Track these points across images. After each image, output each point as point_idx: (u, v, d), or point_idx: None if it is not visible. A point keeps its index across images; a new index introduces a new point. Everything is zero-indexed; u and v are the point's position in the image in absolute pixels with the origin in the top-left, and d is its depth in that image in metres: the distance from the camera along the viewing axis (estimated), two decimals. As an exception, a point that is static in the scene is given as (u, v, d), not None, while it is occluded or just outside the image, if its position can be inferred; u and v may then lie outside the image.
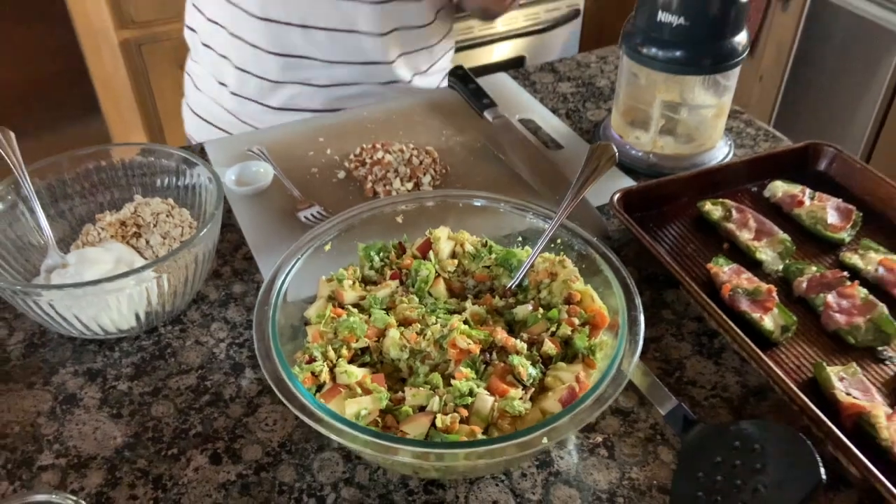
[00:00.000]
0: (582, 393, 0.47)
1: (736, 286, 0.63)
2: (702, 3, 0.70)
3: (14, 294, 0.57)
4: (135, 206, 0.68)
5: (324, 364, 0.49)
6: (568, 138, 0.84)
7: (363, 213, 0.60)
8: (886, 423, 0.52)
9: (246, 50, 0.91)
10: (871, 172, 0.75)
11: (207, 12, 0.93)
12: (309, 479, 0.52)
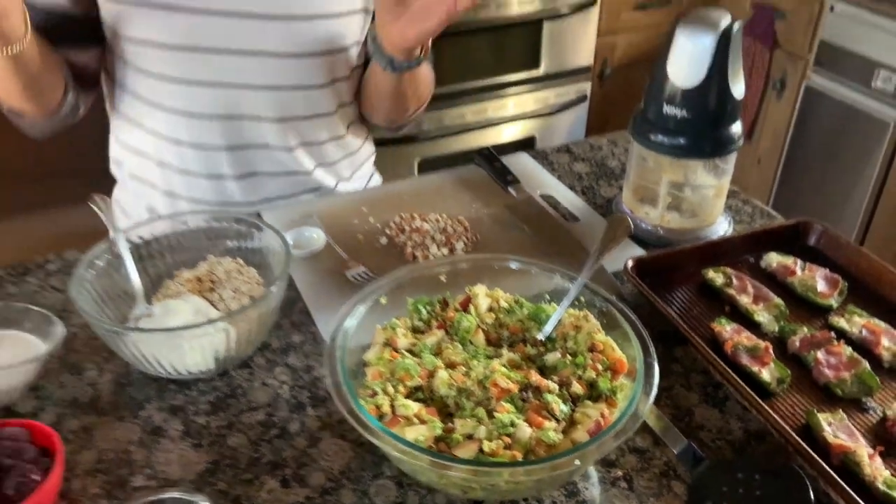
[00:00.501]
0: (606, 426, 0.56)
1: (737, 343, 0.71)
2: (702, 99, 0.81)
3: (114, 335, 0.66)
4: (209, 265, 0.78)
5: (385, 398, 0.58)
6: (584, 212, 0.95)
7: (412, 273, 0.70)
8: (869, 461, 0.60)
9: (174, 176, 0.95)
10: (854, 247, 0.84)
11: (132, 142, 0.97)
12: (367, 502, 0.60)
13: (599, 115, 2.40)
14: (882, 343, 0.72)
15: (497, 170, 1.00)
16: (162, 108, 0.91)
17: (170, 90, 0.89)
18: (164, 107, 0.91)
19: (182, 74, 0.88)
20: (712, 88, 0.81)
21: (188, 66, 0.87)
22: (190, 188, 0.96)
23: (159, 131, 0.93)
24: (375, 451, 0.64)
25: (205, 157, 0.93)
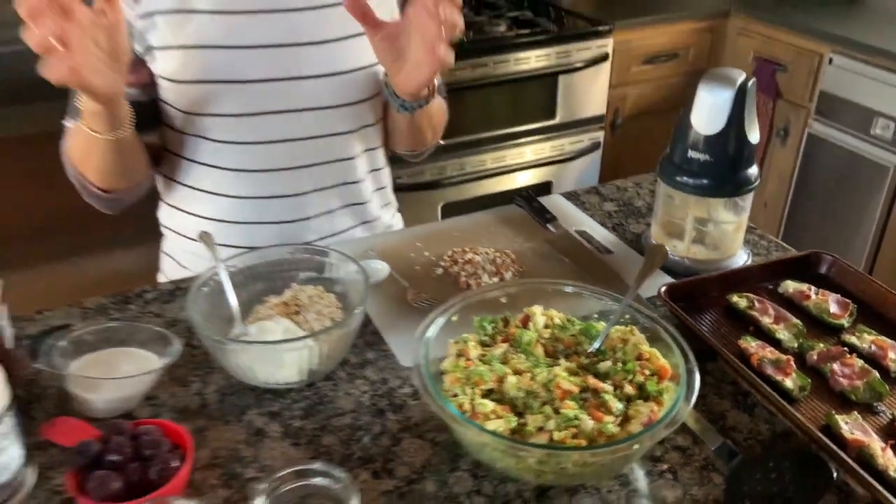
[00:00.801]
0: (656, 420, 0.65)
1: (762, 357, 0.81)
2: (722, 145, 0.93)
3: (221, 347, 0.76)
4: (294, 291, 0.88)
5: (465, 398, 0.68)
6: (616, 246, 1.05)
7: (477, 296, 0.80)
8: (881, 453, 0.69)
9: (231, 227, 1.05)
10: (862, 275, 0.95)
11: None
12: (447, 490, 0.69)
13: (612, 162, 2.53)
14: (889, 356, 0.82)
15: (536, 209, 1.11)
16: (224, 168, 1.02)
17: (233, 151, 1.01)
18: (226, 167, 1.02)
19: (244, 138, 0.99)
20: (731, 135, 0.92)
21: (253, 129, 0.99)
22: (243, 237, 1.05)
23: (219, 190, 1.04)
24: (451, 449, 0.73)
25: (263, 205, 1.04)
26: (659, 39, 2.45)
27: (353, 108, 1.03)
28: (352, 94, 1.02)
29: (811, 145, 2.37)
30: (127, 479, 0.63)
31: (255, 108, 0.98)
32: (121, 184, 0.99)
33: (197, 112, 0.98)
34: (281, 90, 0.98)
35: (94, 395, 0.75)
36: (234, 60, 0.96)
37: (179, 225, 1.10)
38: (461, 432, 0.67)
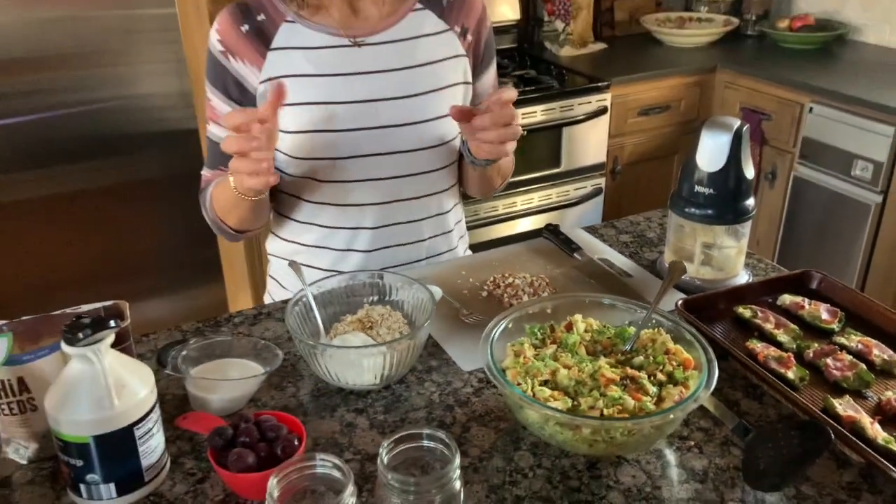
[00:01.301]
0: (685, 398, 0.80)
1: (767, 354, 0.96)
2: (723, 181, 1.10)
3: (315, 351, 0.91)
4: (366, 311, 1.03)
5: (527, 386, 0.83)
6: (635, 270, 1.21)
7: (528, 308, 0.95)
8: (870, 426, 0.84)
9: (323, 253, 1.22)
10: (848, 288, 1.11)
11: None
12: (513, 465, 0.83)
13: (613, 205, 2.71)
14: (874, 352, 0.98)
15: (562, 240, 1.27)
16: (324, 203, 1.19)
17: (332, 188, 1.18)
18: (326, 202, 1.19)
19: (341, 177, 1.17)
20: (730, 172, 1.09)
21: (348, 170, 1.16)
22: (336, 262, 1.22)
23: (319, 222, 1.21)
24: (512, 434, 0.88)
25: (351, 236, 1.21)
26: (652, 93, 2.66)
27: (434, 151, 1.20)
28: (431, 139, 1.19)
29: (797, 187, 2.56)
30: (258, 455, 0.77)
31: (349, 153, 1.15)
32: (254, 226, 1.19)
33: (303, 157, 1.15)
34: (371, 137, 1.16)
35: (212, 396, 0.90)
36: (333, 114, 1.13)
37: (283, 251, 1.27)
38: (527, 413, 0.81)
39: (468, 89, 1.24)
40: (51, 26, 1.78)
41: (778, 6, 3.13)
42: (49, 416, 0.75)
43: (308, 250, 1.22)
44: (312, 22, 1.14)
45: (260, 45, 1.13)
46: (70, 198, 1.94)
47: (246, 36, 1.12)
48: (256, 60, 1.13)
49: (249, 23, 1.13)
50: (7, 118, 1.83)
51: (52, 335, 0.81)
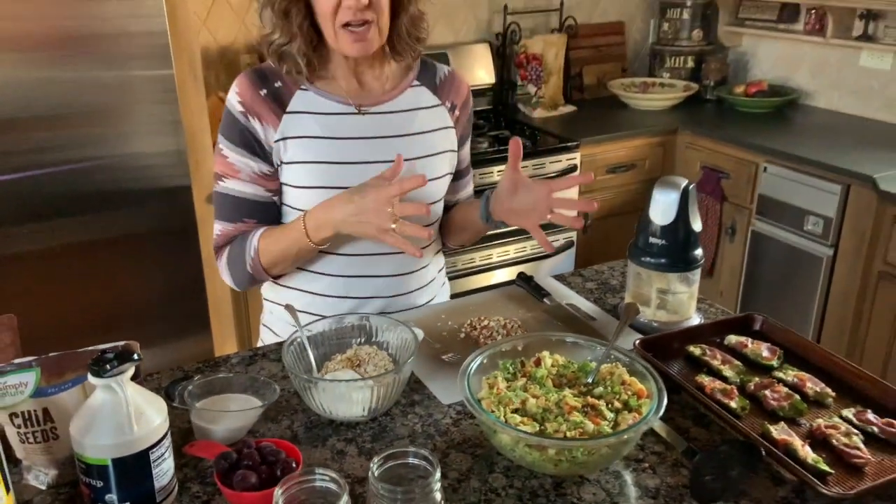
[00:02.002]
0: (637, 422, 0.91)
1: (714, 387, 1.08)
2: (674, 233, 1.23)
3: (309, 385, 1.01)
4: (354, 350, 1.14)
5: (500, 414, 0.93)
6: (598, 314, 1.33)
7: (501, 346, 1.06)
8: (801, 448, 0.96)
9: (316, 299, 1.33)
10: (786, 329, 1.23)
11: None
12: (488, 486, 0.93)
13: (585, 258, 2.84)
14: (807, 385, 1.10)
15: (533, 287, 1.40)
16: (329, 252, 1.29)
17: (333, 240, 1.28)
18: (327, 252, 1.29)
19: None
20: (680, 225, 1.23)
21: None
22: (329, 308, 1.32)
23: (319, 270, 1.31)
24: (487, 458, 0.98)
25: (348, 283, 1.32)
26: (619, 153, 2.84)
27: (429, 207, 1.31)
28: (421, 199, 1.28)
29: (756, 241, 2.72)
30: (259, 476, 0.87)
31: None
32: (287, 270, 1.32)
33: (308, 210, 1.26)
34: None
35: (215, 426, 0.99)
36: (338, 172, 1.26)
37: (281, 297, 1.36)
38: (500, 437, 0.92)
39: (454, 156, 1.38)
40: (51, 87, 1.89)
41: (734, 73, 3.36)
42: (74, 440, 0.84)
43: (307, 296, 1.33)
44: (323, 90, 1.28)
45: (277, 109, 1.26)
46: (66, 250, 2.02)
47: (264, 99, 1.25)
48: (273, 122, 1.25)
49: (267, 88, 1.26)
50: (7, 174, 1.93)
51: (74, 370, 0.91)
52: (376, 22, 1.19)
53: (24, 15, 1.81)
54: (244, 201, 1.29)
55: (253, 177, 1.28)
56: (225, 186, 1.30)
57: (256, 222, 1.29)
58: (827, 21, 2.91)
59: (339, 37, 1.20)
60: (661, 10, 3.38)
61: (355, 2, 1.15)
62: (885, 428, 1.01)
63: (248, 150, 1.27)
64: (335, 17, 1.17)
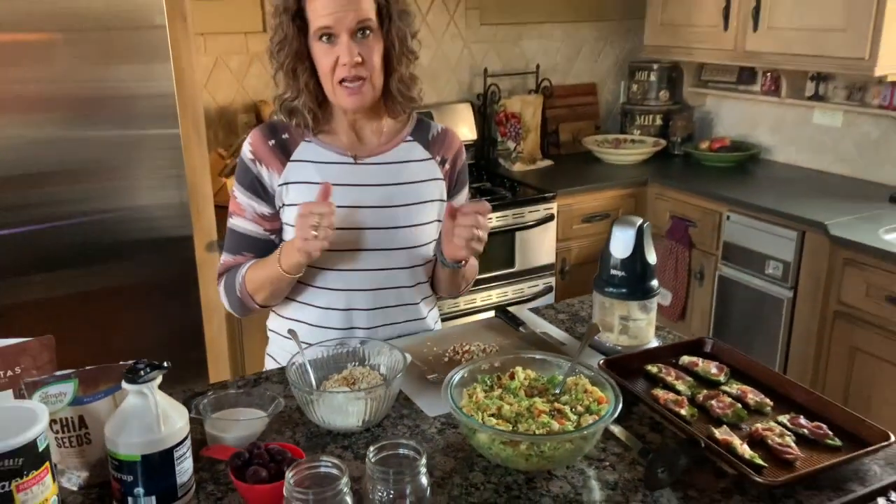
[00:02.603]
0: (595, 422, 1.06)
1: (667, 399, 1.23)
2: (632, 265, 1.39)
3: (310, 399, 1.15)
4: (349, 371, 1.28)
5: (478, 417, 1.07)
6: (568, 341, 1.48)
7: (480, 364, 1.21)
8: (740, 446, 1.10)
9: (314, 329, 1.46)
10: (733, 350, 1.39)
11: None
12: (468, 481, 1.06)
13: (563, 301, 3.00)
14: (749, 396, 1.24)
15: (510, 318, 1.55)
16: (321, 287, 1.45)
17: (328, 276, 1.44)
18: (323, 287, 1.45)
19: (337, 266, 1.43)
20: (637, 258, 1.39)
21: (344, 261, 1.43)
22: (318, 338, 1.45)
23: (316, 303, 1.46)
24: (467, 461, 1.11)
25: (341, 315, 1.46)
26: (594, 203, 3.03)
27: (409, 252, 1.47)
28: (407, 242, 1.46)
29: (722, 285, 2.89)
30: (269, 472, 1.00)
31: (343, 247, 1.41)
32: (275, 302, 1.46)
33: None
34: (361, 235, 1.43)
35: (226, 434, 1.12)
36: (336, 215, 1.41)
37: (283, 327, 1.50)
38: (478, 437, 1.05)
39: (442, 206, 1.52)
40: (63, 144, 2.04)
41: (699, 130, 3.60)
42: (108, 439, 0.97)
43: (304, 326, 1.47)
44: (325, 143, 1.45)
45: (282, 157, 1.43)
46: (70, 300, 2.15)
47: (272, 149, 1.43)
48: (278, 168, 1.43)
49: (275, 139, 1.44)
50: (19, 227, 2.07)
51: (106, 382, 1.04)
52: (369, 79, 1.36)
53: (45, 78, 1.98)
54: (245, 237, 1.46)
55: (255, 217, 1.45)
56: (233, 223, 1.47)
57: (254, 256, 1.45)
58: (781, 83, 3.16)
59: (337, 92, 1.37)
60: (630, 72, 3.63)
61: (349, 59, 1.32)
62: (814, 430, 1.15)
63: (254, 193, 1.44)
64: (333, 74, 1.35)
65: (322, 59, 1.35)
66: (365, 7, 1.33)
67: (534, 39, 3.45)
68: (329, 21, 1.31)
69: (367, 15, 1.33)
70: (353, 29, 1.32)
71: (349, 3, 1.31)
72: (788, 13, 2.79)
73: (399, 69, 1.42)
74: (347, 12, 1.31)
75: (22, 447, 0.86)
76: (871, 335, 2.35)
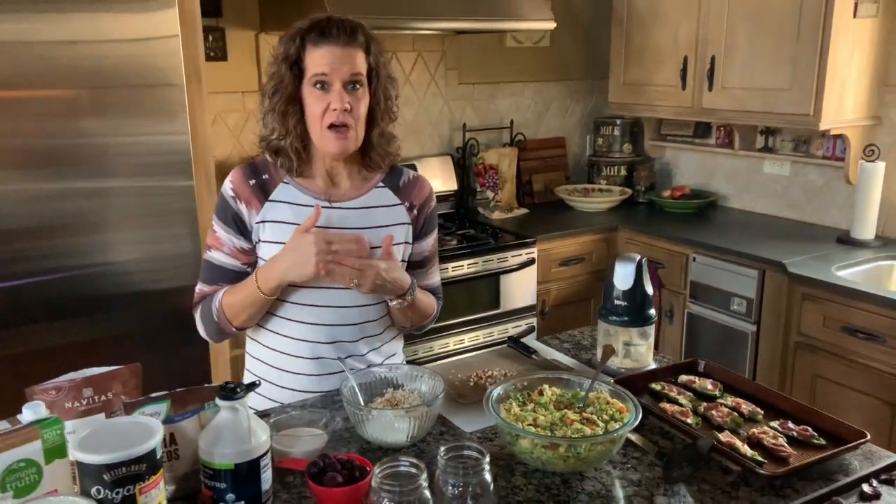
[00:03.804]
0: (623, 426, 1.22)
1: (674, 410, 1.40)
2: (633, 296, 1.58)
3: (363, 413, 1.28)
4: (391, 393, 1.42)
5: (521, 427, 1.23)
6: (576, 365, 1.66)
7: (512, 383, 1.37)
8: (741, 446, 1.28)
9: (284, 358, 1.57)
10: (724, 369, 1.58)
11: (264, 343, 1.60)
12: (512, 484, 1.21)
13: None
14: (742, 406, 1.43)
15: (522, 346, 1.71)
16: (293, 321, 1.56)
17: (297, 309, 1.55)
18: (292, 319, 1.56)
19: (306, 301, 1.54)
20: (637, 290, 1.58)
21: (312, 297, 1.54)
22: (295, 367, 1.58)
23: (286, 333, 1.57)
24: (508, 467, 1.26)
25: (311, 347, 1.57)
26: (569, 248, 3.24)
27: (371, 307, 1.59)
28: (371, 298, 1.57)
29: (691, 322, 3.11)
30: (343, 477, 1.13)
31: (313, 284, 1.52)
32: (251, 324, 1.57)
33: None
34: (327, 294, 1.54)
35: (293, 449, 1.25)
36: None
37: (257, 352, 1.63)
38: (520, 443, 1.21)
39: (407, 248, 1.64)
40: (79, 197, 2.15)
41: (660, 179, 3.87)
42: (203, 450, 1.09)
43: (274, 353, 1.60)
44: (302, 186, 1.58)
45: (261, 196, 1.54)
46: (86, 346, 2.23)
47: (252, 188, 1.54)
48: (257, 206, 1.53)
49: (256, 178, 1.55)
50: (35, 277, 2.15)
51: (193, 403, 1.17)
52: (354, 127, 1.51)
53: (69, 133, 2.11)
54: (222, 269, 1.56)
55: (233, 250, 1.55)
56: (210, 255, 1.58)
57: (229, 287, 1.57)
58: (734, 136, 3.46)
59: (325, 135, 1.51)
60: (596, 127, 3.91)
61: (339, 105, 1.47)
62: (802, 432, 1.34)
63: (233, 228, 1.54)
64: (322, 119, 1.50)
65: (314, 105, 1.50)
66: (359, 63, 1.49)
67: (507, 97, 3.71)
68: (326, 69, 1.47)
69: (359, 70, 1.49)
70: (346, 80, 1.48)
71: (345, 57, 1.47)
72: (740, 74, 3.10)
73: (381, 124, 1.58)
74: (343, 65, 1.47)
75: (145, 454, 0.98)
76: (831, 363, 2.58)
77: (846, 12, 2.74)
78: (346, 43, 1.47)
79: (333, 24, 1.47)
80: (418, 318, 1.65)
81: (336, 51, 1.46)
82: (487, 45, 3.58)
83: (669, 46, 3.36)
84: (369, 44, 1.51)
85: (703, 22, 3.20)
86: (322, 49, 1.47)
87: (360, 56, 1.49)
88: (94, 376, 1.16)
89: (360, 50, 1.49)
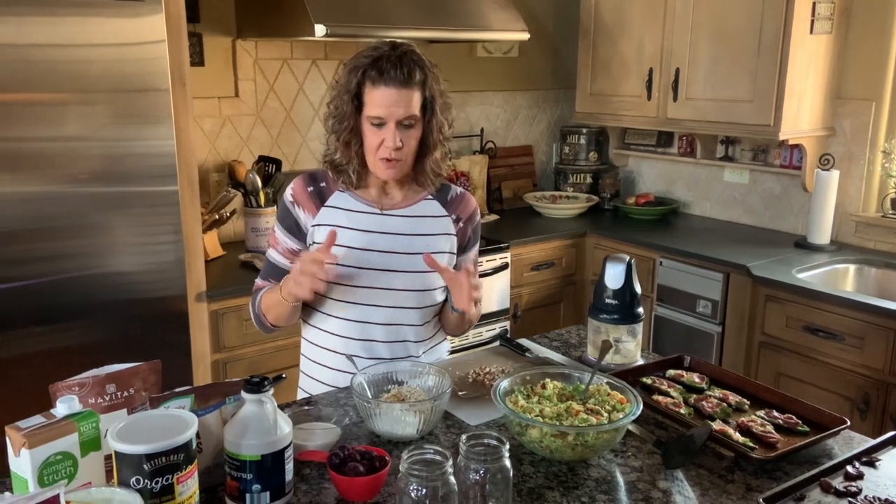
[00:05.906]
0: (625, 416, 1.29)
1: (666, 402, 1.48)
2: (622, 294, 1.66)
3: (373, 407, 1.32)
4: (398, 388, 1.46)
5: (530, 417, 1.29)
6: (568, 363, 1.72)
7: (515, 375, 1.43)
8: (733, 434, 1.36)
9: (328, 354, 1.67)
10: (709, 364, 1.67)
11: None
12: (521, 472, 1.27)
13: (517, 345, 3.25)
14: (729, 398, 1.52)
15: (515, 345, 1.77)
16: (343, 318, 1.63)
17: (343, 307, 1.63)
18: (338, 316, 1.63)
19: (353, 299, 1.62)
20: (626, 289, 1.66)
21: (359, 296, 1.62)
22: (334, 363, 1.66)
23: (336, 332, 1.64)
24: (516, 457, 1.31)
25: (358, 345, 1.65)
26: (540, 253, 3.32)
27: (417, 294, 1.66)
28: (417, 285, 1.64)
29: (658, 324, 3.22)
30: (363, 467, 1.17)
31: (362, 284, 1.60)
32: (284, 324, 1.66)
33: (330, 281, 1.60)
34: (378, 275, 1.62)
35: (309, 442, 1.28)
36: (358, 256, 1.60)
37: (308, 350, 1.71)
38: (529, 432, 1.26)
39: (452, 257, 1.72)
40: (67, 200, 2.14)
41: (625, 187, 4.00)
42: (230, 442, 1.12)
43: (313, 347, 1.69)
44: (356, 194, 1.66)
45: (318, 202, 1.64)
46: (72, 351, 2.20)
47: (310, 195, 1.65)
48: (313, 211, 1.64)
49: (314, 186, 1.66)
50: (20, 281, 2.12)
51: (215, 398, 1.19)
52: (404, 160, 1.60)
53: (56, 136, 2.09)
54: (276, 267, 1.68)
55: (285, 251, 1.67)
56: (269, 253, 1.70)
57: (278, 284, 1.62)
58: (696, 145, 3.60)
59: (377, 165, 1.59)
60: (562, 136, 4.01)
61: (392, 144, 1.55)
62: (786, 420, 1.44)
63: (289, 230, 1.66)
64: (377, 151, 1.58)
65: (370, 138, 1.58)
66: (414, 105, 1.56)
67: (477, 105, 3.78)
68: (382, 112, 1.55)
69: (414, 112, 1.57)
70: (400, 121, 1.56)
71: (401, 100, 1.54)
72: (703, 86, 3.23)
73: (434, 153, 1.66)
74: (398, 107, 1.54)
75: (182, 445, 1.00)
76: (793, 361, 2.71)
77: (803, 28, 2.90)
78: (403, 84, 1.53)
79: (392, 65, 1.53)
80: (468, 325, 1.75)
81: (392, 93, 1.53)
82: (458, 55, 3.65)
83: (635, 58, 3.49)
84: (426, 80, 1.58)
85: (668, 35, 3.33)
86: (380, 90, 1.54)
87: (416, 96, 1.56)
88: (117, 372, 1.17)
89: (417, 90, 1.56)
